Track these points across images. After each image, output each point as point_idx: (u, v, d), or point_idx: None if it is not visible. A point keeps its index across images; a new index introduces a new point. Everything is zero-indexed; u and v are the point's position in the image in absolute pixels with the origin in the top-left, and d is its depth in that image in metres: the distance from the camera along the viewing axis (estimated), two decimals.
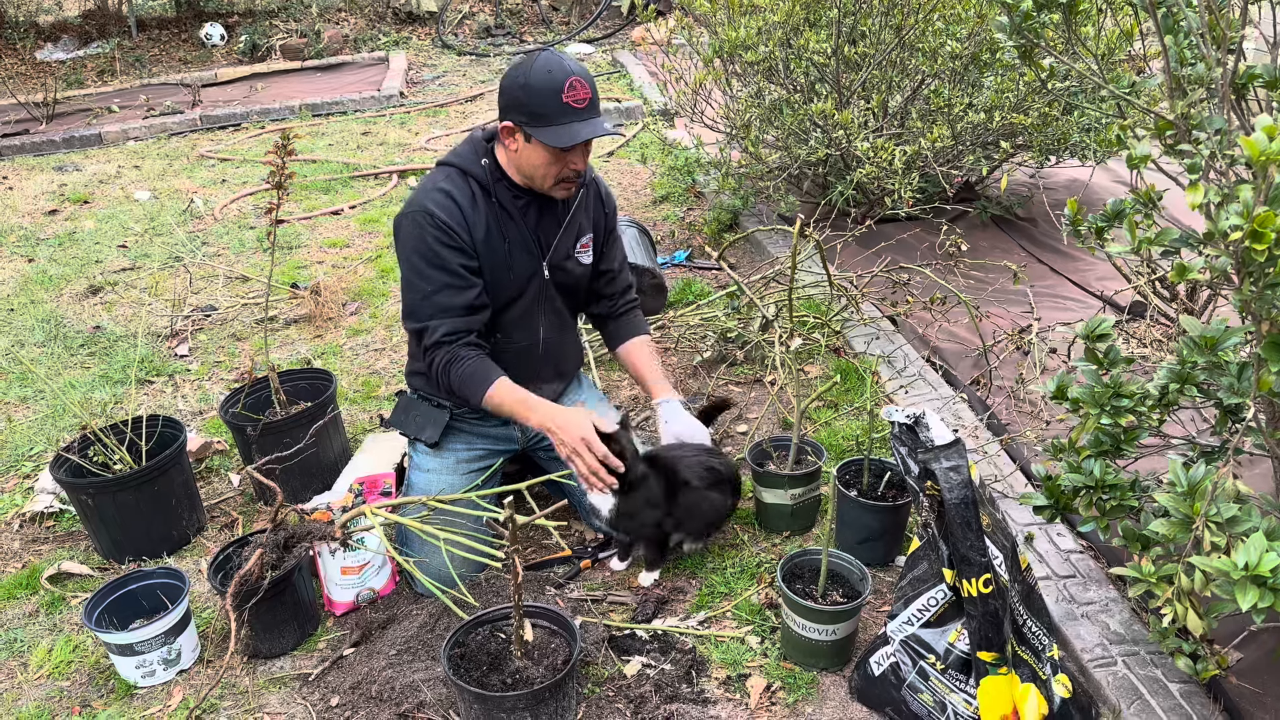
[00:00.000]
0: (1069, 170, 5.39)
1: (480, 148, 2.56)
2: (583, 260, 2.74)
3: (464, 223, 2.49)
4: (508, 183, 2.55)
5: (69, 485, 2.81)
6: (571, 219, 2.67)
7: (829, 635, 2.27)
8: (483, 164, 2.53)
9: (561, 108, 2.35)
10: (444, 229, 2.46)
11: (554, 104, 2.35)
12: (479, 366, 2.52)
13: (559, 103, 2.35)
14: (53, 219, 6.01)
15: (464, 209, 2.50)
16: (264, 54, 10.08)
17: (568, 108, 2.35)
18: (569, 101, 2.35)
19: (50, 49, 10.42)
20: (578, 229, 2.71)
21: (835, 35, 4.20)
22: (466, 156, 2.56)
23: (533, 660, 2.17)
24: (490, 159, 2.55)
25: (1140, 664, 2.22)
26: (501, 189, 2.55)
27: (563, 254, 2.67)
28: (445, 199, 2.49)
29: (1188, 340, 1.85)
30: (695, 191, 5.63)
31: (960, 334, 3.84)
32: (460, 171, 2.54)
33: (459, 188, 2.52)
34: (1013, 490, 2.84)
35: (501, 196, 2.54)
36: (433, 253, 2.48)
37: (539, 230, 2.62)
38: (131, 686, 2.41)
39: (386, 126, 7.70)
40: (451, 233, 2.47)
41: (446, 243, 2.47)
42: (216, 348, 4.22)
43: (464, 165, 2.55)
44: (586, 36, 10.34)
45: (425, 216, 2.47)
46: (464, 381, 2.52)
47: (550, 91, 2.35)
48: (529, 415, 2.51)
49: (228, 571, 2.48)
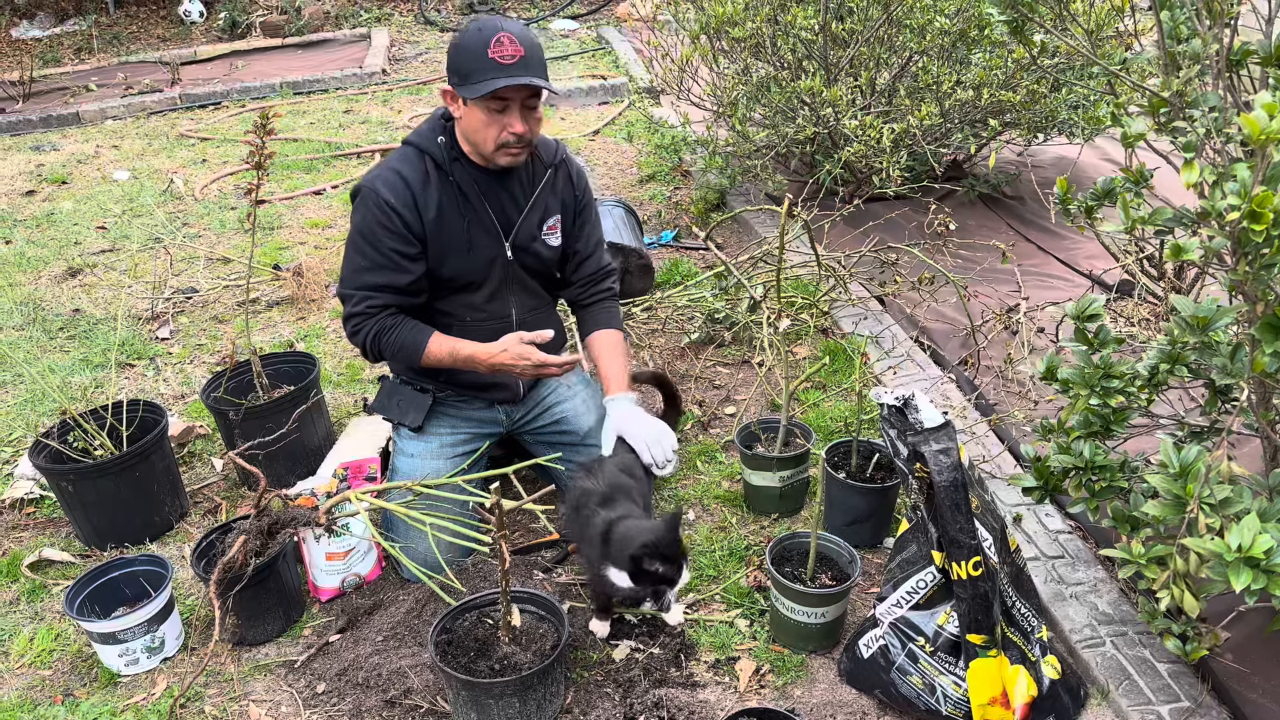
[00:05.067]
0: (1056, 148, 5.37)
1: (439, 125, 2.54)
2: (550, 243, 2.70)
3: (411, 204, 2.47)
4: (466, 161, 2.52)
5: (49, 472, 2.77)
6: (536, 199, 2.62)
7: (818, 618, 2.26)
8: (439, 141, 2.51)
9: (487, 63, 2.31)
10: (385, 210, 2.45)
11: (481, 60, 2.32)
12: (408, 331, 2.54)
13: (485, 59, 2.31)
14: (30, 200, 5.92)
15: (414, 189, 2.47)
16: (244, 31, 9.94)
17: (493, 63, 2.31)
18: (495, 57, 2.30)
19: (26, 26, 10.25)
20: (543, 209, 2.65)
21: (823, 11, 4.15)
22: (425, 135, 2.54)
23: (521, 646, 2.16)
24: (448, 136, 2.52)
25: (1129, 644, 2.22)
26: (459, 168, 2.52)
27: (527, 235, 2.63)
28: (395, 178, 2.47)
29: (1179, 320, 1.83)
30: (682, 170, 5.60)
31: (948, 314, 3.83)
32: (417, 150, 2.52)
33: (413, 167, 2.50)
34: (1000, 471, 2.84)
35: (459, 175, 2.51)
36: (371, 233, 2.48)
37: (500, 210, 2.58)
38: (115, 675, 2.38)
39: (369, 104, 7.61)
40: (392, 215, 2.45)
41: (385, 225, 2.46)
42: (198, 330, 4.17)
43: (421, 144, 2.52)
44: (571, 12, 10.23)
45: (372, 194, 2.47)
46: (398, 348, 2.54)
47: (478, 47, 2.32)
48: (476, 367, 2.55)
49: (211, 558, 2.45)
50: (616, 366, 2.73)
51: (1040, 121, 4.47)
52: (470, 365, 2.55)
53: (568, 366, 2.58)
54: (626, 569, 2.16)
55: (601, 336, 2.78)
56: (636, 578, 2.17)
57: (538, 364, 2.51)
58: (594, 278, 2.82)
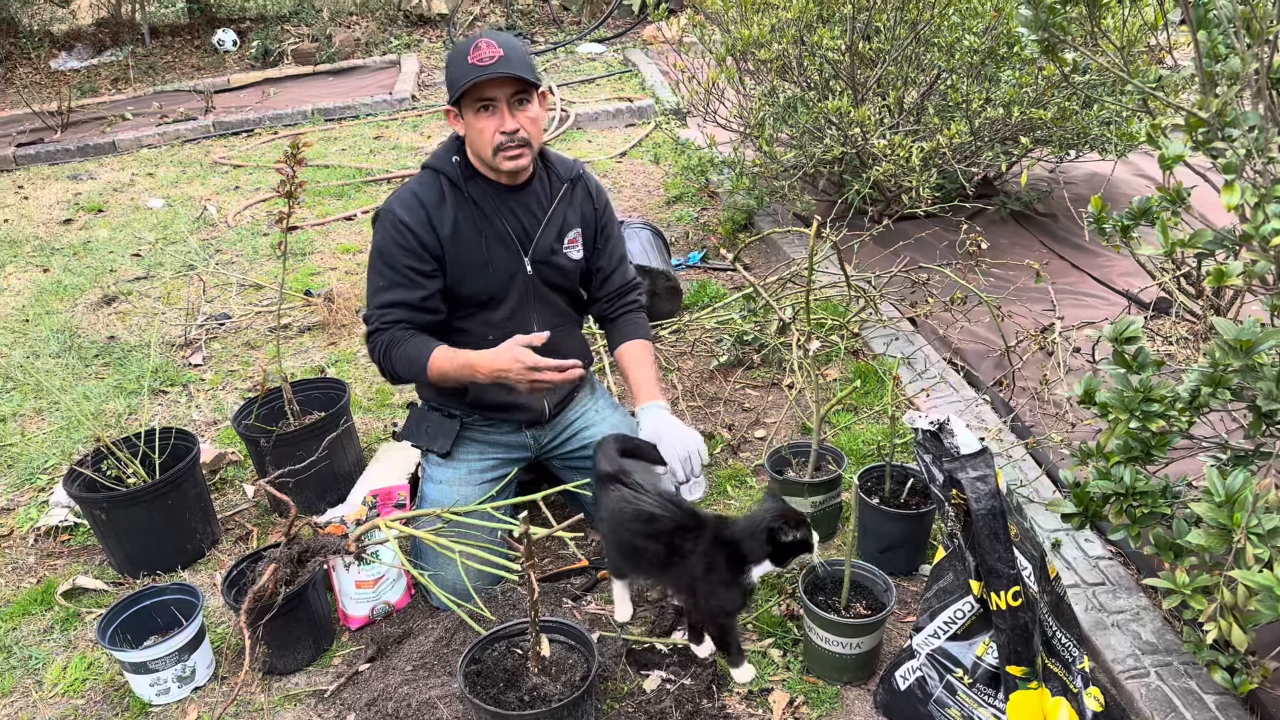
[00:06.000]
0: (1089, 164, 5.30)
1: (453, 146, 2.59)
2: (572, 255, 2.70)
3: (426, 222, 2.50)
4: (480, 179, 2.56)
5: (82, 500, 2.79)
6: (554, 213, 2.64)
7: (853, 649, 2.22)
8: (454, 160, 2.56)
9: (468, 69, 2.38)
10: (400, 228, 2.50)
11: (462, 67, 2.39)
12: (414, 344, 2.52)
13: (465, 65, 2.38)
14: (67, 228, 6.02)
15: (428, 207, 2.52)
16: (276, 59, 10.08)
17: (473, 67, 2.37)
18: (474, 61, 2.37)
19: (65, 58, 10.46)
20: (561, 222, 2.66)
21: (850, 31, 4.14)
22: (440, 156, 2.60)
23: (550, 677, 2.13)
24: (462, 155, 2.57)
25: (1174, 675, 2.16)
26: (475, 185, 2.55)
27: (546, 249, 2.63)
28: (411, 198, 2.53)
29: (1220, 343, 1.78)
30: (709, 191, 5.59)
31: (982, 334, 3.78)
32: (433, 171, 2.57)
33: (428, 188, 2.55)
34: (1039, 495, 2.78)
35: (474, 192, 2.55)
36: (387, 252, 2.52)
37: (518, 224, 2.60)
38: (146, 705, 2.39)
39: (399, 130, 7.68)
40: (406, 232, 2.49)
41: (399, 243, 2.50)
42: (230, 356, 4.20)
43: (437, 165, 2.58)
44: (598, 36, 10.29)
45: (388, 215, 2.53)
46: (404, 361, 2.52)
47: (460, 58, 2.41)
48: (475, 374, 2.49)
49: (242, 586, 2.45)
50: (646, 375, 2.72)
51: (1072, 138, 4.42)
52: (470, 372, 2.49)
53: (566, 372, 2.46)
54: (764, 554, 2.16)
55: (629, 347, 2.77)
56: (778, 556, 2.16)
57: (531, 366, 2.41)
58: (619, 292, 2.83)
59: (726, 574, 2.18)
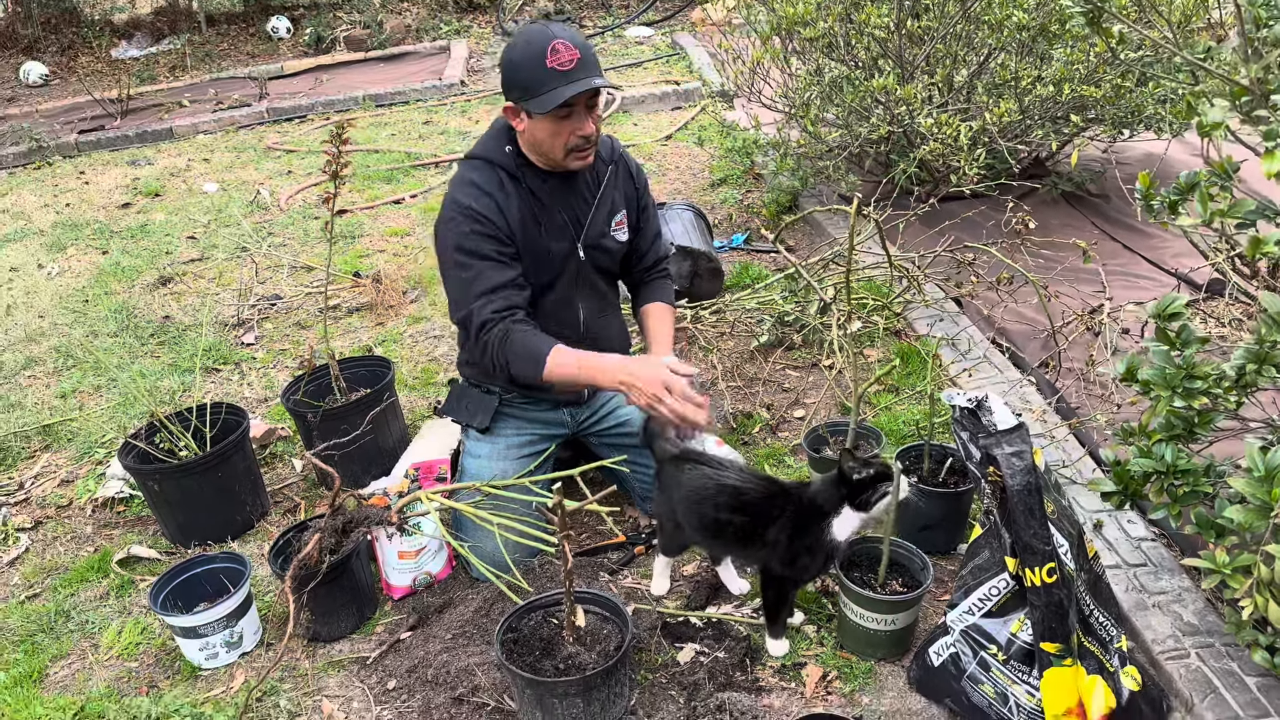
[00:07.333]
0: (1144, 144, 5.18)
1: (503, 136, 2.55)
2: (619, 238, 2.71)
3: (498, 209, 2.48)
4: (533, 169, 2.54)
5: (136, 471, 2.88)
6: (603, 196, 2.64)
7: (888, 625, 2.22)
8: (507, 151, 2.52)
9: (547, 74, 2.32)
10: (477, 218, 2.46)
11: (540, 72, 2.33)
12: (529, 341, 2.45)
13: (544, 70, 2.32)
14: (125, 212, 6.17)
15: (495, 197, 2.49)
16: (329, 46, 10.21)
17: (554, 73, 2.32)
18: (554, 66, 2.31)
19: (125, 46, 10.71)
20: (610, 206, 2.67)
21: (897, 9, 4.09)
22: (490, 147, 2.55)
23: (585, 646, 2.16)
24: (514, 145, 2.53)
25: (1215, 656, 2.12)
26: (529, 174, 2.53)
27: (597, 232, 2.64)
28: (475, 189, 2.49)
29: (1267, 318, 1.75)
30: (754, 173, 5.56)
31: (1028, 315, 3.72)
32: (486, 162, 2.54)
33: (487, 178, 2.51)
34: (1082, 476, 2.75)
35: (530, 182, 2.53)
36: (468, 243, 2.47)
37: (572, 211, 2.60)
38: (196, 668, 2.47)
39: (448, 115, 7.75)
40: (485, 220, 2.46)
41: (480, 231, 2.46)
42: (282, 336, 4.29)
43: (489, 156, 2.54)
44: (646, 19, 10.27)
45: (457, 209, 2.48)
46: (518, 358, 2.44)
47: (534, 60, 2.33)
48: (597, 376, 2.43)
49: (288, 556, 2.51)
50: (663, 331, 2.75)
51: (1126, 117, 4.32)
52: (591, 375, 2.44)
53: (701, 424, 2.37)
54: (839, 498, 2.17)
55: (653, 307, 2.82)
56: (857, 499, 2.16)
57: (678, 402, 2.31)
58: (652, 265, 2.87)
59: (808, 537, 2.19)
